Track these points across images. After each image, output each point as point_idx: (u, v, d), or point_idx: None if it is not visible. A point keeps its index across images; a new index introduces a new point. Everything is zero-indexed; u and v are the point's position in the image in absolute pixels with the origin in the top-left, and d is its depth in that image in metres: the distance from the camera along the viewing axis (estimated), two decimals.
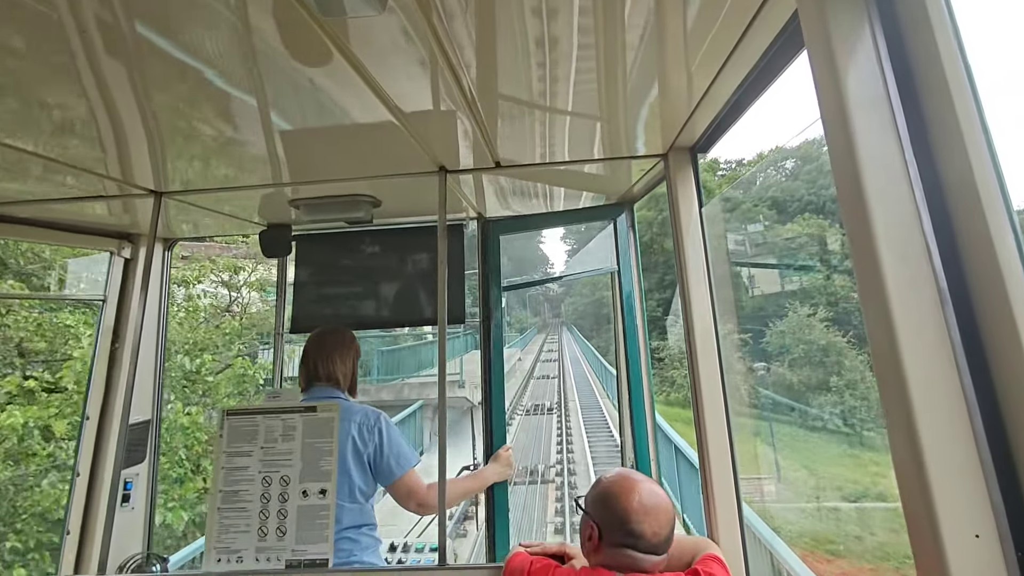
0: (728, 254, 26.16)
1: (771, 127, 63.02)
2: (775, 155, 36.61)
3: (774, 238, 29.00)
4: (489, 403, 2.56)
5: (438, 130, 1.77)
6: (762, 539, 4.44)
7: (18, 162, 1.83)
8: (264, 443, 1.93)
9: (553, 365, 38.80)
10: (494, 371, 2.59)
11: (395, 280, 2.81)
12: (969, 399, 0.73)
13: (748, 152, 67.73)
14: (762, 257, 28.19)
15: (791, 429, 20.65)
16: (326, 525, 1.85)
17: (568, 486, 11.46)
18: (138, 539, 2.62)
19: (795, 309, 23.35)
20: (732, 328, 23.31)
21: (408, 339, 19.57)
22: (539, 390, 27.22)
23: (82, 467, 2.55)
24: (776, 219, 31.66)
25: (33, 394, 7.59)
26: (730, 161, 51.44)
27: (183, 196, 2.22)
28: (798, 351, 22.34)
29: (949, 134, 0.80)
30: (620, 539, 1.34)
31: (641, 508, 1.34)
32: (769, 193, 34.24)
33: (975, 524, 0.71)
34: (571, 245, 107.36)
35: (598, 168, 2.25)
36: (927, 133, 0.82)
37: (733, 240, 28.21)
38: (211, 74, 1.34)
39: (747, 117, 1.71)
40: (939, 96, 0.79)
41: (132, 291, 2.72)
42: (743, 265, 26.74)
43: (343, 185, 2.21)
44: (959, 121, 0.78)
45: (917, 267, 0.77)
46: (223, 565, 1.85)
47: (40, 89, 1.38)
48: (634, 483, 1.39)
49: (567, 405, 21.66)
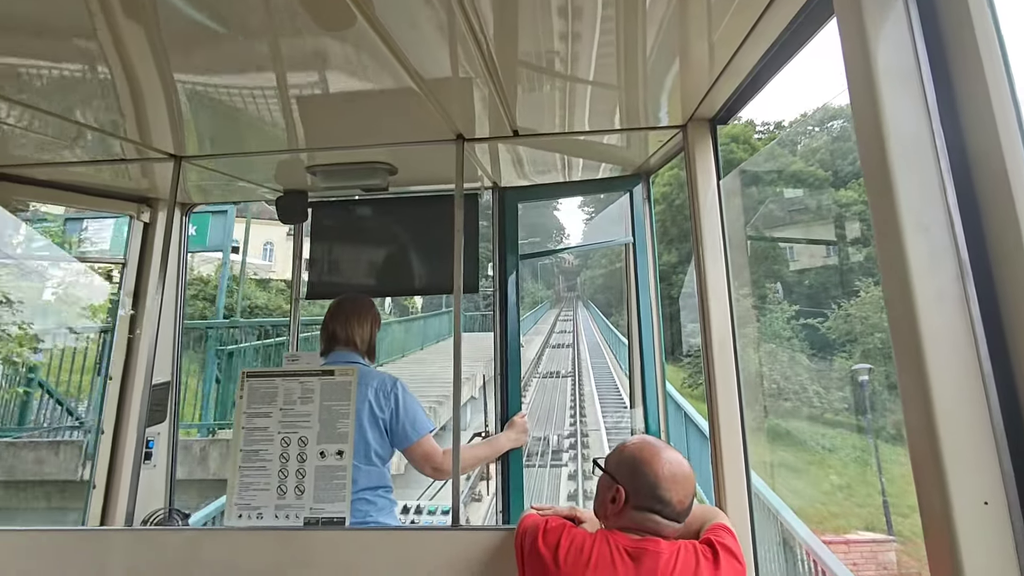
0: (761, 224, 23.66)
1: (802, 94, 57.58)
2: (821, 114, 31.98)
3: (828, 203, 24.39)
4: (505, 373, 2.57)
5: (457, 97, 1.77)
6: (770, 507, 4.50)
7: (38, 124, 1.85)
8: (283, 405, 1.98)
9: (564, 355, 28.27)
10: (510, 341, 2.61)
11: (409, 248, 2.82)
12: (985, 370, 0.74)
13: (785, 114, 62.66)
14: (808, 226, 23.81)
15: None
16: (343, 485, 1.91)
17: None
18: (160, 495, 2.71)
19: (867, 288, 18.52)
20: (775, 310, 20.80)
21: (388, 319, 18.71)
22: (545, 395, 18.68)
23: (106, 425, 2.63)
24: (827, 184, 26.35)
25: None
26: (768, 123, 47.92)
27: (202, 160, 2.24)
28: (873, 341, 17.67)
29: (978, 106, 0.79)
30: (648, 504, 1.37)
31: (671, 476, 1.38)
32: (817, 156, 29.57)
33: (985, 491, 0.72)
34: (588, 213, 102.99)
35: (615, 139, 2.24)
36: (956, 104, 0.81)
37: (774, 208, 24.63)
38: (230, 37, 1.34)
39: (773, 85, 1.69)
40: (970, 67, 0.78)
41: (152, 255, 2.75)
42: (780, 240, 22.90)
43: (360, 152, 2.21)
44: (989, 94, 0.78)
45: (939, 238, 0.77)
46: (244, 521, 1.91)
47: (59, 48, 1.39)
48: (662, 450, 1.43)
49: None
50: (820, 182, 25.84)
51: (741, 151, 35.33)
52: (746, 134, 38.43)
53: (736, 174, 24.07)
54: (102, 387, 2.70)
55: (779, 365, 19.79)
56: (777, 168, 27.45)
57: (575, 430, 13.41)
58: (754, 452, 10.07)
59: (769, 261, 23.19)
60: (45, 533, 1.91)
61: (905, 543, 11.14)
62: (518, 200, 2.74)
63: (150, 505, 2.68)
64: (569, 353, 29.00)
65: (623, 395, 16.78)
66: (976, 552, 0.71)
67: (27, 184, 2.37)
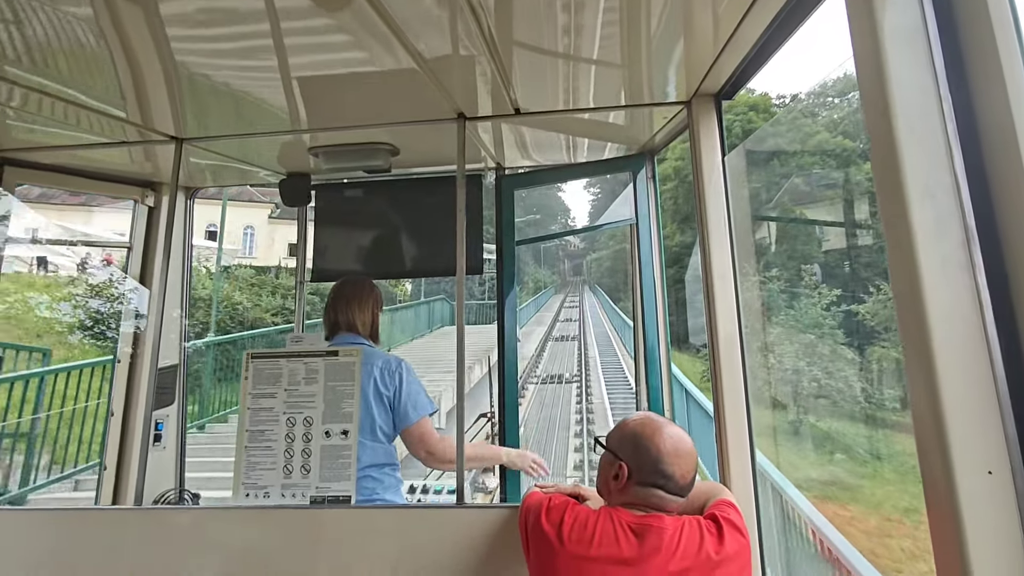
0: (788, 200, 21.40)
1: (818, 64, 53.33)
2: (843, 84, 29.42)
3: (856, 176, 21.64)
4: (503, 351, 2.57)
5: (457, 75, 1.75)
6: (775, 485, 4.50)
7: (41, 106, 1.85)
8: (288, 385, 1.99)
9: (569, 351, 23.87)
10: (507, 331, 2.59)
11: (413, 230, 2.81)
12: (990, 336, 0.73)
13: (800, 86, 58.52)
14: (835, 203, 21.59)
15: None
16: (348, 464, 1.93)
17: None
18: (170, 476, 2.75)
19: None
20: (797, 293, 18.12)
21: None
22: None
23: (116, 407, 2.66)
24: (856, 156, 25.73)
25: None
26: (783, 96, 45.55)
27: (203, 143, 2.23)
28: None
29: (987, 68, 0.77)
30: (651, 479, 1.37)
31: (674, 450, 1.38)
32: (840, 128, 27.33)
33: (988, 460, 0.71)
34: (593, 194, 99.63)
35: (618, 116, 2.21)
36: (964, 66, 0.79)
37: (800, 182, 22.11)
38: (229, 16, 1.32)
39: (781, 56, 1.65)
40: (979, 27, 0.76)
41: (156, 239, 2.76)
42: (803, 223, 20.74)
43: (362, 132, 2.20)
44: (999, 54, 0.75)
45: (945, 205, 0.76)
46: (251, 500, 1.94)
47: (58, 26, 1.38)
48: (664, 425, 1.43)
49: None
50: (848, 153, 23.89)
51: (760, 120, 34.40)
52: (765, 103, 37.08)
53: (752, 141, 22.97)
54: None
55: (819, 359, 16.63)
56: (800, 138, 25.01)
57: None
58: (798, 466, 7.80)
59: (798, 240, 20.90)
60: (60, 512, 1.94)
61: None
62: (516, 187, 2.72)
63: (160, 486, 2.72)
64: (574, 348, 24.17)
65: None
66: (979, 522, 0.70)
67: (32, 168, 2.37)
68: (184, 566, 1.82)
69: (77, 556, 1.85)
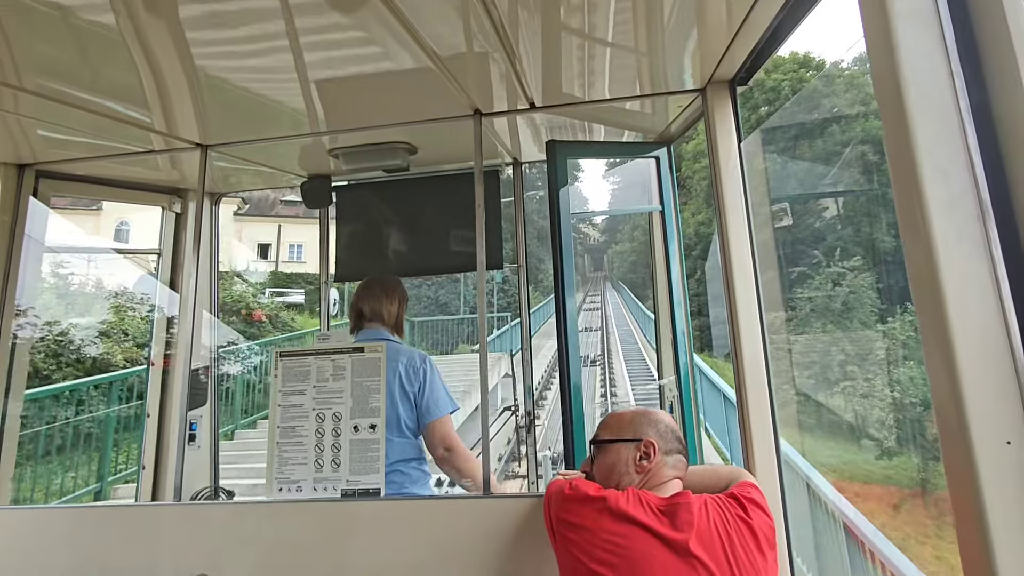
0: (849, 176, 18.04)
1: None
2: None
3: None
4: (564, 343, 2.24)
5: (472, 71, 1.77)
6: (799, 471, 4.46)
7: (74, 120, 1.92)
8: (316, 382, 2.04)
9: (588, 378, 15.81)
10: (568, 324, 2.25)
11: (433, 227, 2.85)
12: (1007, 309, 0.73)
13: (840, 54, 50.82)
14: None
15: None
16: (377, 457, 1.97)
17: None
18: (206, 474, 2.83)
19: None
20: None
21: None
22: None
23: (151, 409, 2.75)
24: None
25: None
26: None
27: (227, 148, 2.29)
28: None
29: (999, 44, 0.77)
30: (675, 446, 1.50)
31: (671, 419, 1.56)
32: (873, 106, 23.94)
33: (1008, 430, 0.72)
34: (613, 183, 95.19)
35: (634, 107, 2.21)
36: (976, 45, 0.79)
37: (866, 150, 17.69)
38: (247, 22, 1.37)
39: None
40: (990, 3, 0.76)
41: (184, 244, 2.84)
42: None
43: (380, 132, 2.24)
44: (1010, 30, 0.75)
45: (958, 181, 0.76)
46: (284, 494, 1.99)
47: (85, 41, 1.44)
48: (647, 407, 1.63)
49: None
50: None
51: (810, 78, 29.06)
52: (818, 62, 29.72)
53: (796, 105, 21.45)
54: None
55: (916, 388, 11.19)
56: (861, 98, 20.95)
57: None
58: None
59: (866, 222, 16.84)
60: (105, 508, 2.02)
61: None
62: (568, 155, 2.34)
63: (196, 484, 2.80)
64: (596, 376, 17.22)
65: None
66: (999, 492, 0.71)
67: (67, 180, 2.46)
68: (223, 558, 1.88)
69: (123, 550, 1.92)
